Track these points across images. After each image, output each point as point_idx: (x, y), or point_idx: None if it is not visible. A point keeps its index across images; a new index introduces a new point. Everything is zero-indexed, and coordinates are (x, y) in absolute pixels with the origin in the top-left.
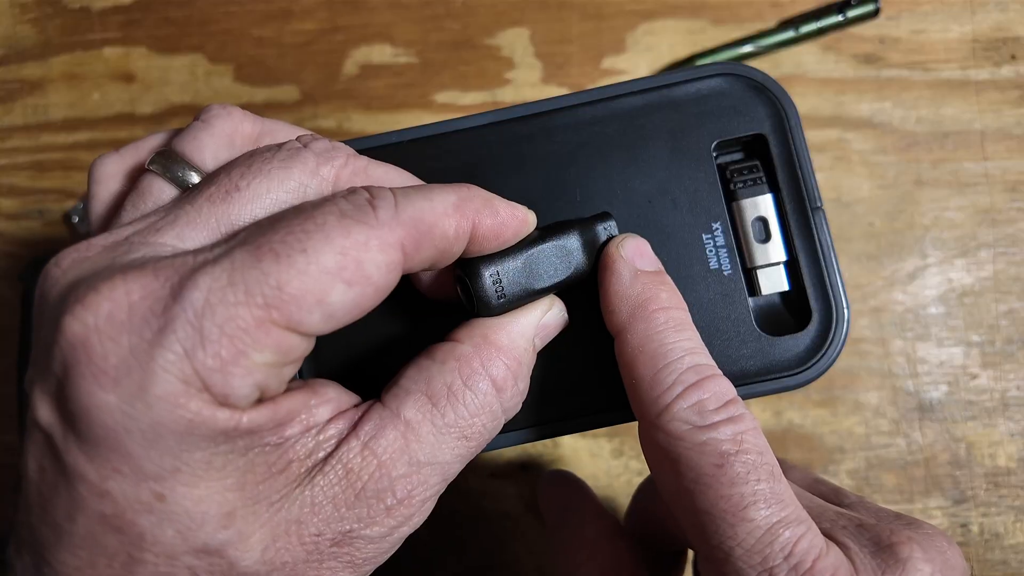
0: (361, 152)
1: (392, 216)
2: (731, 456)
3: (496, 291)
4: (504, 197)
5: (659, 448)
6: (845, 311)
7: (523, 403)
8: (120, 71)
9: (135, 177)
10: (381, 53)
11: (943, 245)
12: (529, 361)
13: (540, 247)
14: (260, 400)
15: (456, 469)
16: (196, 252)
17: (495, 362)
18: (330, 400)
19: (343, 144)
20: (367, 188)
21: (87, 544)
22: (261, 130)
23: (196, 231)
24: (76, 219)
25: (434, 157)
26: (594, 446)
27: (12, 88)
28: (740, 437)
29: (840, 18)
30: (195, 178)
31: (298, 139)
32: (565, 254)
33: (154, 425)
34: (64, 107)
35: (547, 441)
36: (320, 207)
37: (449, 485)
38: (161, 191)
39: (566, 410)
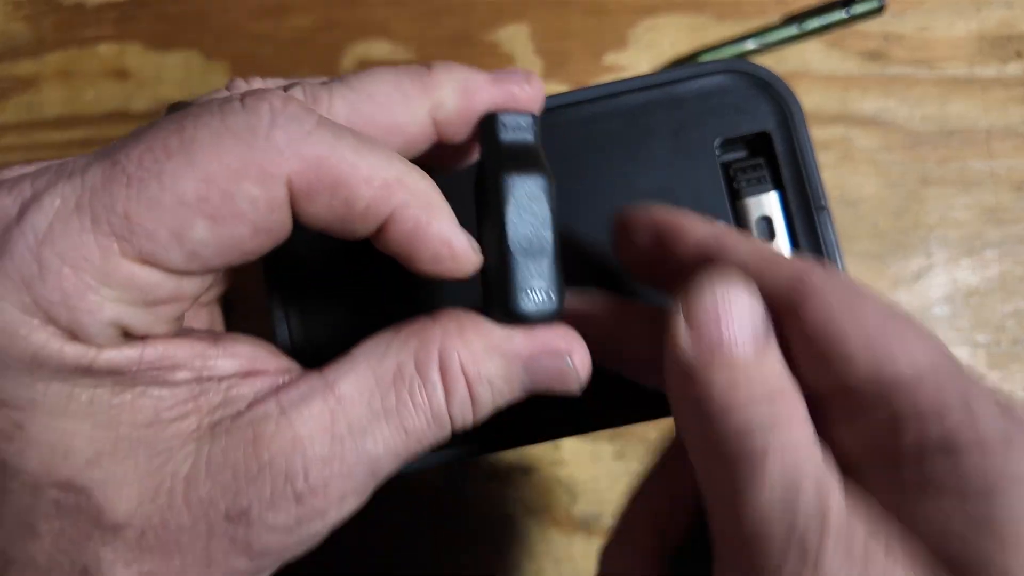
0: None
1: (291, 142)
2: None
3: (538, 299)
4: None
5: None
6: None
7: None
8: (115, 68)
9: None
10: (379, 49)
11: (948, 244)
12: (502, 388)
13: (510, 208)
14: (131, 338)
15: (387, 467)
16: (67, 160)
17: (452, 356)
18: (238, 355)
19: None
20: (287, 97)
21: None
22: None
23: None
24: None
25: None
26: (596, 449)
27: (5, 86)
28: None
29: (845, 14)
30: None
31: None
32: (536, 192)
33: None
34: (58, 104)
35: (547, 444)
36: (201, 111)
37: (447, 488)
38: None
39: (548, 416)
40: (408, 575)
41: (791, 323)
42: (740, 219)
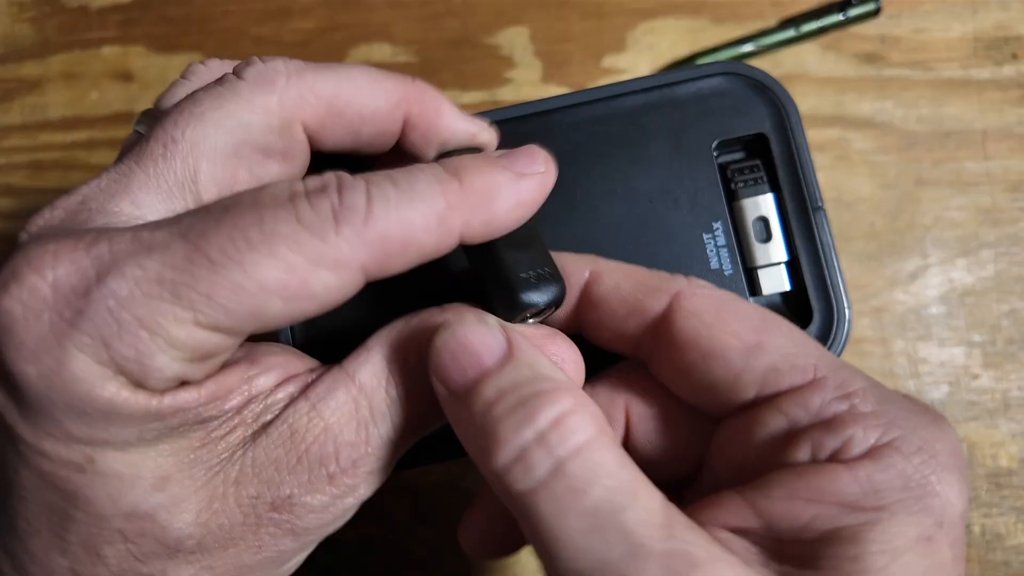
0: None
1: (356, 233)
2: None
3: (539, 285)
4: None
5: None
6: (846, 311)
7: None
8: (118, 70)
9: None
10: (380, 52)
11: (944, 245)
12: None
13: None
14: (186, 383)
15: (407, 444)
16: (140, 230)
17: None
18: (274, 367)
19: (281, 60)
20: (339, 186)
21: (32, 497)
22: None
23: (150, 195)
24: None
25: None
26: None
27: (10, 87)
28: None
29: (841, 17)
30: None
31: (234, 69)
32: None
33: (74, 400)
34: (62, 106)
35: None
36: (276, 207)
37: (448, 485)
38: None
39: None
40: (408, 571)
41: (667, 339)
42: (737, 220)
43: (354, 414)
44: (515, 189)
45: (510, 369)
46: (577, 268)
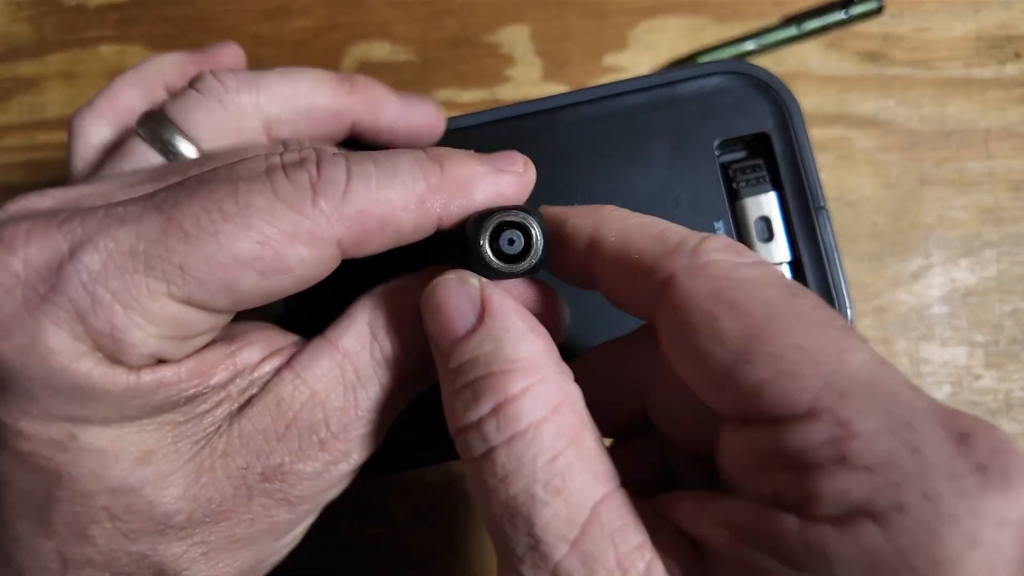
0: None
1: (334, 208)
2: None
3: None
4: None
5: None
6: (849, 311)
7: None
8: (116, 69)
9: (118, 131)
10: (380, 50)
11: (947, 244)
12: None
13: None
14: (164, 361)
15: (397, 407)
16: (113, 205)
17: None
18: (256, 341)
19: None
20: (319, 161)
21: (12, 480)
22: (267, 118)
23: None
24: None
25: None
26: None
27: (8, 86)
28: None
29: (843, 15)
30: (184, 146)
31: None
32: None
33: (51, 376)
34: (60, 105)
35: None
36: (253, 180)
37: (446, 485)
38: (143, 157)
39: None
40: (407, 571)
41: (658, 327)
42: (739, 219)
43: (340, 379)
44: (494, 179)
45: (474, 343)
46: (580, 228)
